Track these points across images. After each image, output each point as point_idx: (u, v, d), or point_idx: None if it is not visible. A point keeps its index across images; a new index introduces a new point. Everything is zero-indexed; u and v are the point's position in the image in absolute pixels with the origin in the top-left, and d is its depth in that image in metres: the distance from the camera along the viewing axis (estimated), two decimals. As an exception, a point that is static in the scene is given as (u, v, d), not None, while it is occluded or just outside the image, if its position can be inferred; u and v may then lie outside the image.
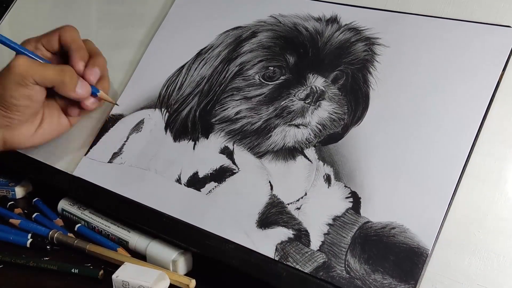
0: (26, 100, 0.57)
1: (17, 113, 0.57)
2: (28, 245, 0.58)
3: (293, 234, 0.50)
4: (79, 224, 0.61)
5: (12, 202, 0.66)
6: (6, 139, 0.59)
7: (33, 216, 0.63)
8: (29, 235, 0.59)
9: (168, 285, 0.52)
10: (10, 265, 0.55)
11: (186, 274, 0.54)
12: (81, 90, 0.59)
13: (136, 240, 0.57)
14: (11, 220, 0.61)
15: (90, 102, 0.61)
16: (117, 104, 0.64)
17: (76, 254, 0.57)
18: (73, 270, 0.54)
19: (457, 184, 0.47)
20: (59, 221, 0.62)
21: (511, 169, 0.47)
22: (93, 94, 0.61)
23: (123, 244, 0.58)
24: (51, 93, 0.60)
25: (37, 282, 0.54)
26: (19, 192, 0.68)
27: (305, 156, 0.54)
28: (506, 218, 0.46)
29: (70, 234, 0.59)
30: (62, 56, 0.62)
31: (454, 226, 0.46)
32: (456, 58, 0.52)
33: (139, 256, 0.57)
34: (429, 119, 0.50)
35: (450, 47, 0.52)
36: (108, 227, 0.59)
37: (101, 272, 0.53)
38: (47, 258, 0.56)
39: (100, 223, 0.60)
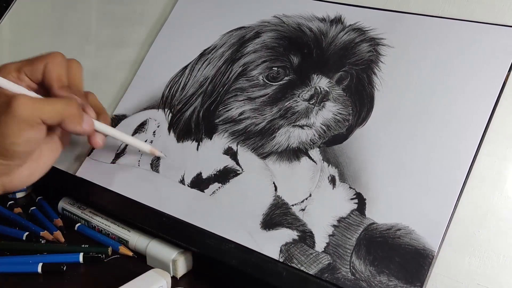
0: (29, 144, 0.49)
1: (18, 160, 0.50)
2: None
3: (297, 235, 0.50)
4: (79, 224, 0.61)
5: (12, 202, 0.66)
6: (5, 184, 0.51)
7: (30, 209, 0.64)
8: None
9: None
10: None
11: (186, 274, 0.55)
12: (86, 125, 0.52)
13: (136, 239, 0.57)
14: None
15: (99, 138, 0.55)
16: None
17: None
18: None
19: (463, 185, 0.47)
20: (58, 221, 0.62)
21: (511, 168, 0.47)
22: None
23: (123, 243, 0.58)
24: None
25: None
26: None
27: (310, 157, 0.53)
28: (506, 218, 0.46)
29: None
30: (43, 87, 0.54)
31: (454, 225, 0.46)
32: (462, 59, 0.52)
33: (139, 255, 0.57)
34: (435, 119, 0.50)
35: (455, 48, 0.52)
36: (108, 226, 0.59)
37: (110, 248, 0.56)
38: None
39: (100, 222, 0.60)
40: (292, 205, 0.52)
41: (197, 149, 0.58)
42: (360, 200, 0.50)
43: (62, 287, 0.53)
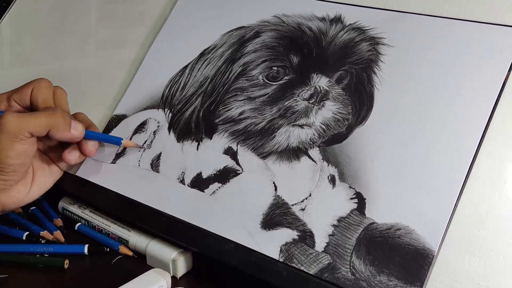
0: (22, 157, 0.53)
1: (13, 173, 0.53)
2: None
3: (297, 235, 0.50)
4: (79, 223, 0.61)
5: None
6: (4, 202, 0.55)
7: (30, 209, 0.64)
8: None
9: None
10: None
11: (186, 274, 0.55)
12: (75, 130, 0.56)
13: (136, 239, 0.57)
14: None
15: (91, 145, 0.58)
16: (143, 147, 0.61)
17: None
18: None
19: (463, 185, 0.47)
20: (58, 221, 0.62)
21: (511, 168, 0.47)
22: (117, 143, 0.60)
23: (123, 243, 0.58)
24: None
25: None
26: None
27: (309, 157, 0.53)
28: (506, 218, 0.46)
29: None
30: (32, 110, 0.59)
31: (454, 225, 0.46)
32: (461, 58, 0.52)
33: (139, 255, 0.57)
34: (435, 119, 0.50)
35: (455, 47, 0.52)
36: (108, 226, 0.59)
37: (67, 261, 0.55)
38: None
39: (101, 222, 0.60)
40: (292, 205, 0.52)
41: (197, 149, 0.58)
42: (360, 200, 0.49)
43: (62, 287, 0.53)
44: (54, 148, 0.60)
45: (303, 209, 0.51)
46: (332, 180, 0.52)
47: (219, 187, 0.55)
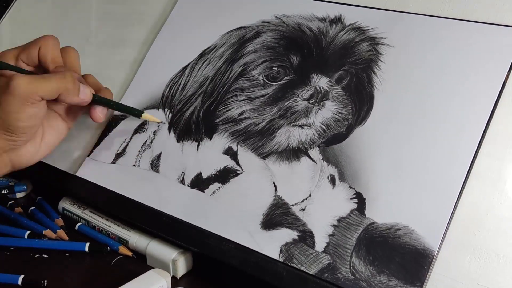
0: (32, 119, 0.53)
1: (23, 134, 0.54)
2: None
3: (297, 235, 0.50)
4: (79, 223, 0.61)
5: (12, 202, 0.66)
6: (14, 161, 0.56)
7: (30, 209, 0.64)
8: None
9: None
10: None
11: (186, 274, 0.55)
12: (83, 94, 0.56)
13: (136, 239, 0.57)
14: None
15: (99, 111, 0.59)
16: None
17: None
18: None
19: (463, 184, 0.47)
20: (59, 221, 0.62)
21: (511, 168, 0.47)
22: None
23: (123, 243, 0.58)
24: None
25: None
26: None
27: (309, 157, 0.53)
28: (506, 218, 0.46)
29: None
30: (41, 68, 0.59)
31: (454, 225, 0.46)
32: (461, 58, 0.52)
33: (139, 255, 0.57)
34: (435, 119, 0.50)
35: (455, 47, 0.52)
36: (108, 226, 0.59)
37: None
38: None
39: (101, 222, 0.60)
40: (292, 205, 0.52)
41: (197, 149, 0.58)
42: (360, 200, 0.50)
43: None
44: (62, 105, 0.59)
45: (303, 209, 0.51)
46: (332, 180, 0.52)
47: (219, 187, 0.55)
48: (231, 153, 0.56)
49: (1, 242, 0.59)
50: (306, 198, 0.51)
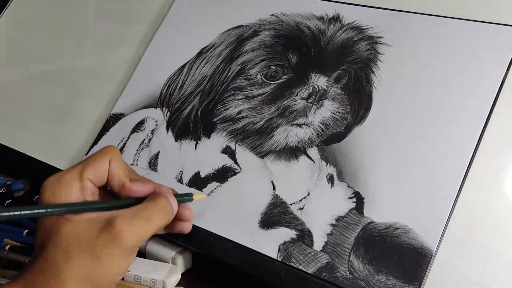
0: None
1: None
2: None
3: (296, 234, 0.50)
4: (78, 224, 0.61)
5: (10, 201, 0.66)
6: None
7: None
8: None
9: (179, 278, 0.52)
10: None
11: (186, 272, 0.54)
12: (176, 208, 0.43)
13: (137, 239, 0.57)
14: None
15: (189, 223, 0.45)
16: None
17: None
18: None
19: (461, 184, 0.47)
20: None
21: (509, 168, 0.47)
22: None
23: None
24: None
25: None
26: (17, 190, 0.68)
27: (308, 156, 0.53)
28: (504, 217, 0.46)
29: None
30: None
31: (453, 224, 0.46)
32: (460, 57, 0.52)
33: (139, 254, 0.57)
34: (433, 118, 0.50)
35: (454, 46, 0.52)
36: (107, 226, 0.59)
37: None
38: None
39: (99, 222, 0.59)
40: (291, 204, 0.51)
41: (195, 148, 0.58)
42: (359, 199, 0.49)
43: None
44: None
45: (301, 208, 0.51)
46: (330, 179, 0.51)
47: (217, 186, 0.55)
48: (229, 152, 0.56)
49: (-1, 241, 0.58)
50: (305, 197, 0.51)
